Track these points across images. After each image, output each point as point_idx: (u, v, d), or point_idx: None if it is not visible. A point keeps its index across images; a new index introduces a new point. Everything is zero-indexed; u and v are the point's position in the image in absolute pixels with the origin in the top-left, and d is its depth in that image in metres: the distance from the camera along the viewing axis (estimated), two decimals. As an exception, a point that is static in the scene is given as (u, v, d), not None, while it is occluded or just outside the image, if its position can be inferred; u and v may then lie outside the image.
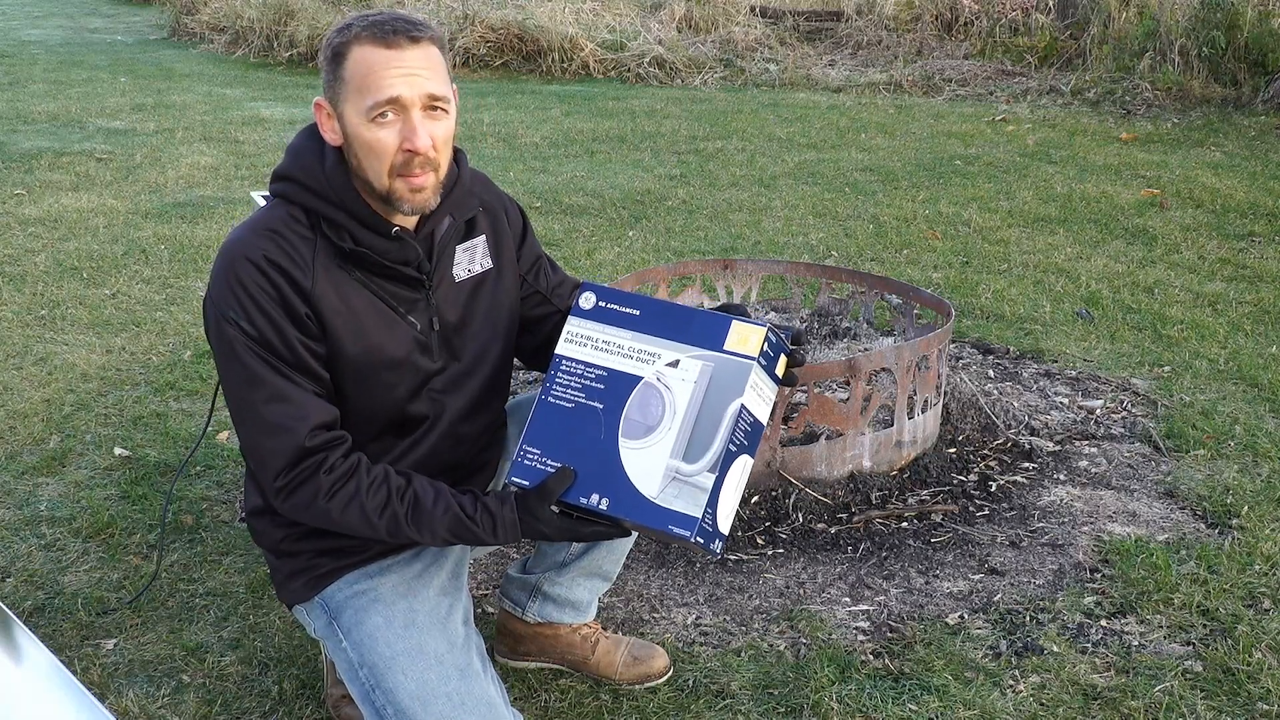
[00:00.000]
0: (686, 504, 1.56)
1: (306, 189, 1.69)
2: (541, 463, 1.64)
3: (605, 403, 1.64)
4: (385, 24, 1.64)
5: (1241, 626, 2.31)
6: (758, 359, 1.60)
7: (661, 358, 1.63)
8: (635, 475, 1.59)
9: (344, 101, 1.65)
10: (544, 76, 10.01)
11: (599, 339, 1.68)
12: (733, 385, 1.59)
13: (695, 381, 1.61)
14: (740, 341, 1.61)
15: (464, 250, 1.84)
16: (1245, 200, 5.72)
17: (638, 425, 1.61)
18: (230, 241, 1.69)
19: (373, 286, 1.73)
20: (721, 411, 1.59)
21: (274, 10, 11.01)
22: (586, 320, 1.70)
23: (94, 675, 2.19)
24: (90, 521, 2.73)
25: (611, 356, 1.66)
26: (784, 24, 11.42)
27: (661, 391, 1.62)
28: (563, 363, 1.69)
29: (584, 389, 1.66)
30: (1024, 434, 3.16)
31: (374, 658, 1.69)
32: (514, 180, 6.22)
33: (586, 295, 1.71)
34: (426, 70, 1.64)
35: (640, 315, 1.67)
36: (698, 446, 1.58)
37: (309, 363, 1.67)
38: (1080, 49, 9.38)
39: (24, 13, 15.03)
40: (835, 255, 4.86)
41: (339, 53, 1.65)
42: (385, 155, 1.64)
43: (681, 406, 1.61)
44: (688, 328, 1.64)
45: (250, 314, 1.63)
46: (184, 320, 4.08)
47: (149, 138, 7.30)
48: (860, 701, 2.11)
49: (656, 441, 1.60)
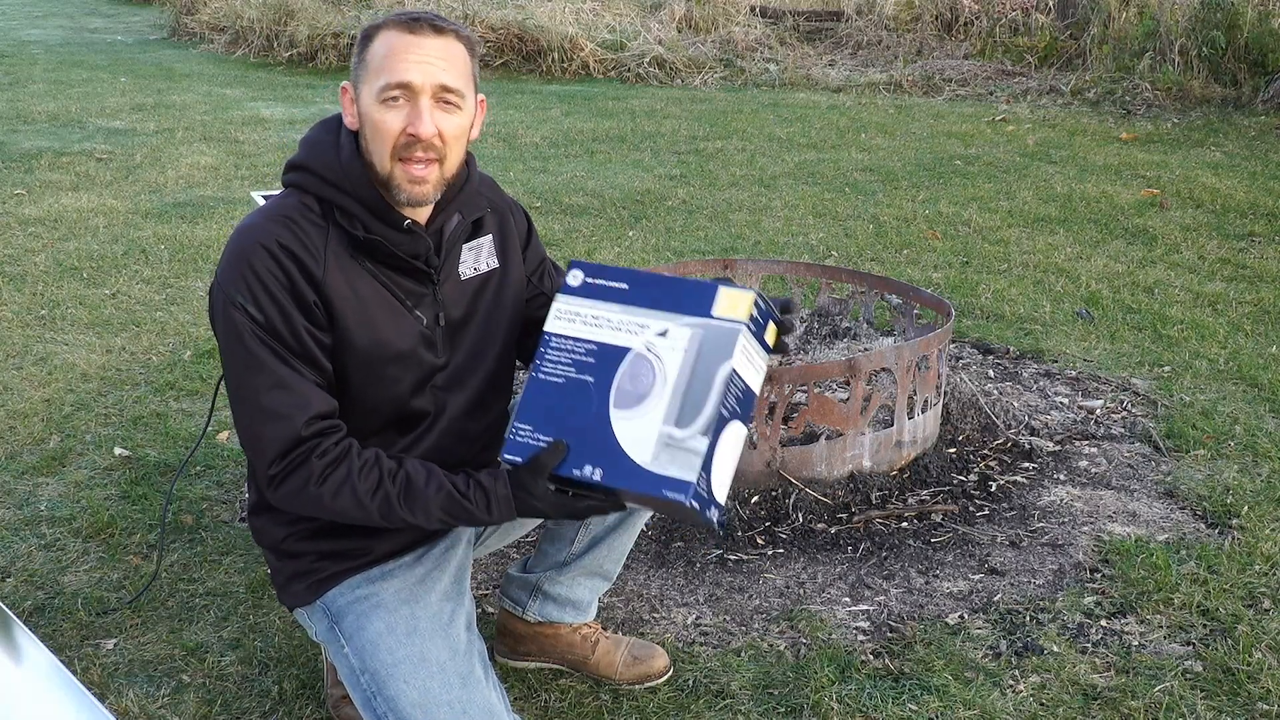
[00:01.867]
0: (680, 468, 1.55)
1: (320, 178, 1.71)
2: (534, 438, 1.64)
3: (595, 376, 1.64)
4: (415, 15, 1.69)
5: (1241, 626, 2.31)
6: (746, 324, 1.60)
7: (650, 328, 1.63)
8: (628, 444, 1.59)
9: (362, 82, 1.69)
10: (544, 76, 10.01)
11: (587, 314, 1.68)
12: (722, 350, 1.59)
13: (685, 349, 1.61)
14: (729, 307, 1.61)
15: (469, 249, 1.85)
16: (1245, 200, 5.72)
17: (629, 395, 1.61)
18: (243, 227, 1.69)
19: (382, 278, 1.74)
20: (712, 376, 1.58)
21: (274, 10, 11.01)
22: (575, 297, 1.69)
23: (94, 675, 2.19)
24: (90, 521, 2.73)
25: (601, 330, 1.66)
26: (784, 24, 11.43)
27: (652, 361, 1.62)
28: (552, 340, 1.68)
29: (574, 364, 1.66)
30: (1024, 434, 3.16)
31: (376, 664, 1.69)
32: (514, 180, 6.22)
33: (574, 273, 1.71)
34: (443, 61, 1.67)
35: (628, 289, 1.67)
36: (689, 411, 1.58)
37: (313, 352, 1.67)
38: (1080, 49, 9.38)
39: (24, 13, 15.03)
40: (835, 255, 4.87)
41: (367, 36, 1.70)
42: (389, 136, 1.66)
43: (672, 374, 1.60)
44: (675, 297, 1.64)
45: (259, 299, 1.64)
46: (184, 320, 4.08)
47: (149, 138, 7.30)
48: (860, 701, 2.11)
49: (648, 410, 1.59)
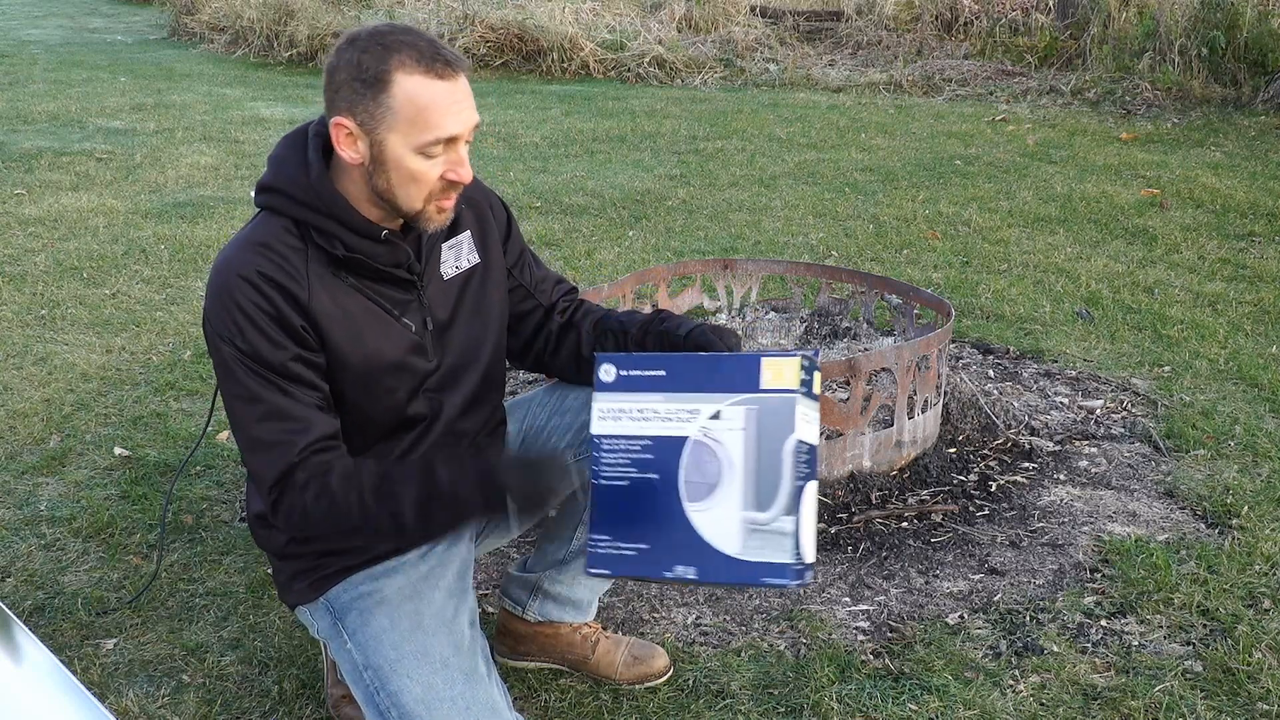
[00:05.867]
0: (773, 552, 1.52)
1: (293, 200, 1.69)
2: (615, 548, 1.60)
3: (659, 472, 1.59)
4: (429, 54, 1.62)
5: (1241, 626, 2.31)
6: (799, 390, 1.56)
7: (702, 412, 1.58)
8: (713, 537, 1.55)
9: (388, 130, 1.62)
10: (544, 76, 10.01)
11: (632, 409, 1.62)
12: (783, 424, 1.55)
13: (743, 428, 1.56)
14: (776, 377, 1.56)
15: (449, 248, 1.85)
16: (1245, 200, 5.72)
17: (699, 486, 1.57)
18: (222, 260, 1.68)
19: (366, 291, 1.73)
20: (779, 452, 1.54)
21: (274, 10, 11.00)
22: (613, 393, 1.64)
23: (94, 675, 2.19)
24: (90, 521, 2.73)
25: (650, 424, 1.61)
26: (784, 24, 11.42)
27: (712, 446, 1.57)
28: (603, 442, 1.63)
29: (633, 462, 1.61)
30: (1024, 434, 3.16)
31: (379, 660, 1.69)
32: (514, 180, 6.22)
33: (605, 368, 1.65)
34: (469, 99, 1.66)
35: (666, 375, 1.62)
36: (766, 492, 1.54)
37: (306, 374, 1.68)
38: (1080, 49, 9.38)
39: (24, 13, 15.03)
40: (835, 255, 4.87)
41: (380, 79, 1.61)
42: (427, 185, 1.65)
43: (737, 457, 1.56)
44: (718, 376, 1.59)
45: (246, 332, 1.64)
46: (184, 320, 4.08)
47: (149, 137, 7.30)
48: (860, 701, 2.11)
49: (723, 498, 1.55)
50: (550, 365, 2.04)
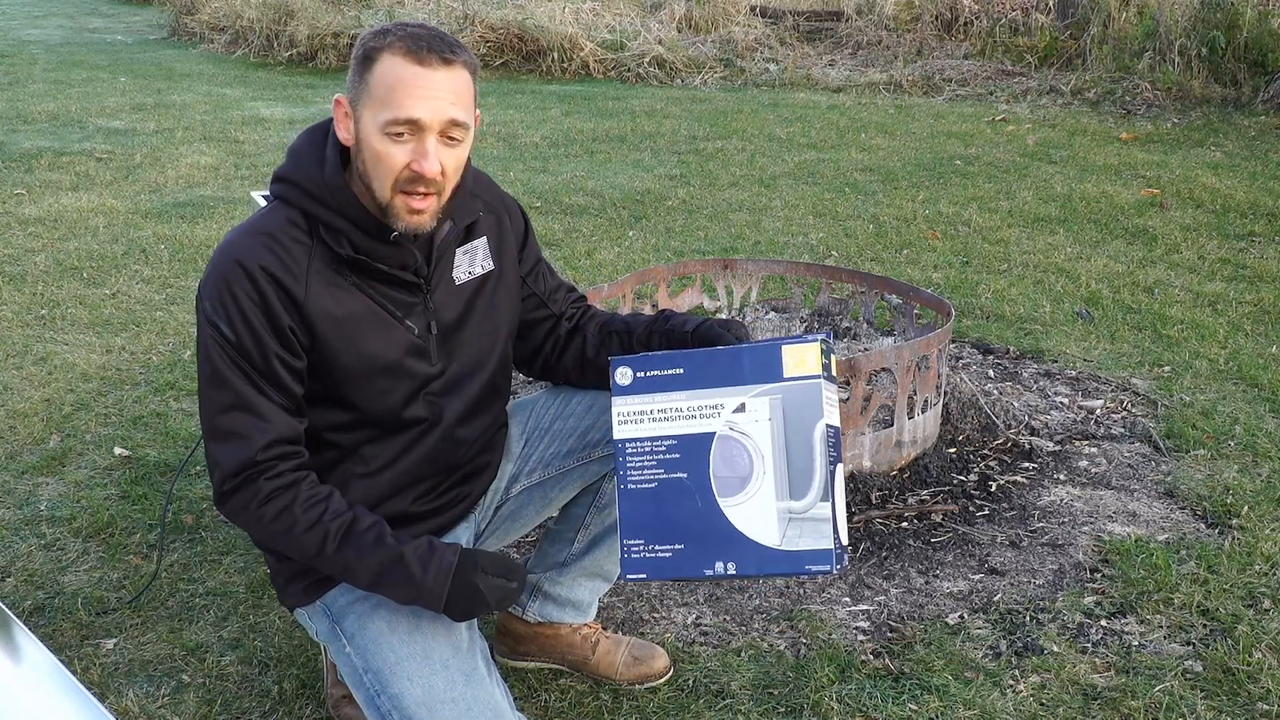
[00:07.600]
0: (814, 539, 1.52)
1: (306, 193, 1.69)
2: (650, 551, 1.59)
3: (688, 470, 1.58)
4: (422, 39, 1.62)
5: (1241, 626, 2.31)
6: (821, 375, 1.55)
7: (725, 406, 1.57)
8: (751, 530, 1.55)
9: (364, 106, 1.64)
10: (544, 76, 10.00)
11: (653, 410, 1.61)
12: (810, 410, 1.54)
13: (770, 419, 1.55)
14: (798, 364, 1.56)
15: (463, 253, 1.84)
16: (1245, 200, 5.72)
17: (730, 480, 1.56)
18: (227, 243, 1.69)
19: (369, 291, 1.73)
20: (809, 439, 1.54)
21: (274, 10, 11.00)
22: (632, 396, 1.63)
23: (94, 675, 2.19)
24: (90, 521, 2.73)
25: (674, 422, 1.60)
26: (784, 24, 11.42)
27: (740, 439, 1.56)
28: (626, 446, 1.62)
29: (660, 463, 1.60)
30: (1024, 434, 3.16)
31: (379, 663, 1.69)
32: (514, 180, 6.22)
33: (621, 370, 1.64)
34: (452, 95, 1.63)
35: (685, 372, 1.61)
36: (800, 481, 1.54)
37: (282, 376, 1.67)
38: (1080, 49, 9.38)
39: (24, 13, 15.03)
40: (835, 255, 4.87)
41: (369, 56, 1.63)
42: (392, 170, 1.64)
43: (766, 448, 1.55)
44: (739, 368, 1.58)
45: (233, 320, 1.64)
46: (184, 320, 4.08)
47: (149, 137, 7.30)
48: (860, 701, 2.11)
49: (756, 490, 1.55)
50: (555, 369, 2.04)
